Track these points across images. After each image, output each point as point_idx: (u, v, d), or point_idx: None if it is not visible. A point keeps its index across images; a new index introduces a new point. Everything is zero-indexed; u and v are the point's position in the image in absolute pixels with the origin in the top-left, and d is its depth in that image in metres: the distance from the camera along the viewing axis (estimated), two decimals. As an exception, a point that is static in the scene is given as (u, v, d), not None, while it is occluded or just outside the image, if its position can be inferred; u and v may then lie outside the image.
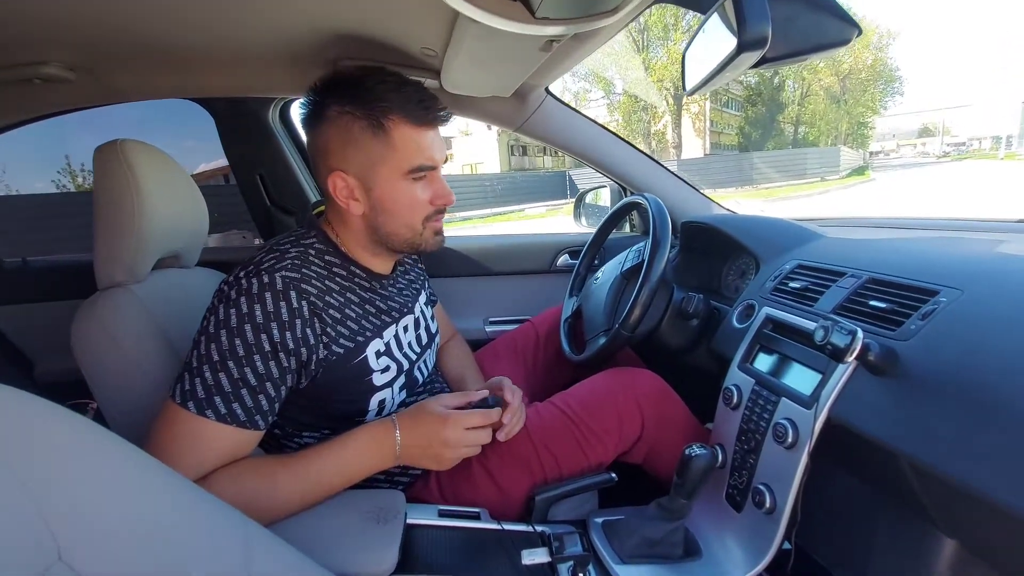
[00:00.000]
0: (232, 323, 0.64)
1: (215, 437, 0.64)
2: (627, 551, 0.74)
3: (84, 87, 1.05)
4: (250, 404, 0.65)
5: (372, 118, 0.70)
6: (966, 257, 0.70)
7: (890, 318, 0.66)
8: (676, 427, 0.89)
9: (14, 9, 0.77)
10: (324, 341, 0.70)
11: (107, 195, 0.79)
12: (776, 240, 1.01)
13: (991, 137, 52.08)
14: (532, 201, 16.75)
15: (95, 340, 0.78)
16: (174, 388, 0.65)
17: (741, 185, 17.98)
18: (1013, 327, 0.54)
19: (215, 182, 6.96)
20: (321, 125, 0.72)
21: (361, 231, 0.78)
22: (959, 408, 0.53)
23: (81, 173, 7.76)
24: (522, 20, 0.63)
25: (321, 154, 0.74)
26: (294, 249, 0.72)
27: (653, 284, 0.91)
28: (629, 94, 24.36)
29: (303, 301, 0.68)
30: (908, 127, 66.95)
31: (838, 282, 0.78)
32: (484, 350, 1.19)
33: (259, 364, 0.65)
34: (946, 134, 61.03)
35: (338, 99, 0.71)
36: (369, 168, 0.72)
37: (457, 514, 0.77)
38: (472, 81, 1.03)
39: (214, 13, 0.84)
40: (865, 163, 28.71)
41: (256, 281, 0.66)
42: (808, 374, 0.71)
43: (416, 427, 0.72)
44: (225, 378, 0.64)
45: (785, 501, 0.68)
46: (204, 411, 0.63)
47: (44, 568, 0.35)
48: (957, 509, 0.57)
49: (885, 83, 27.84)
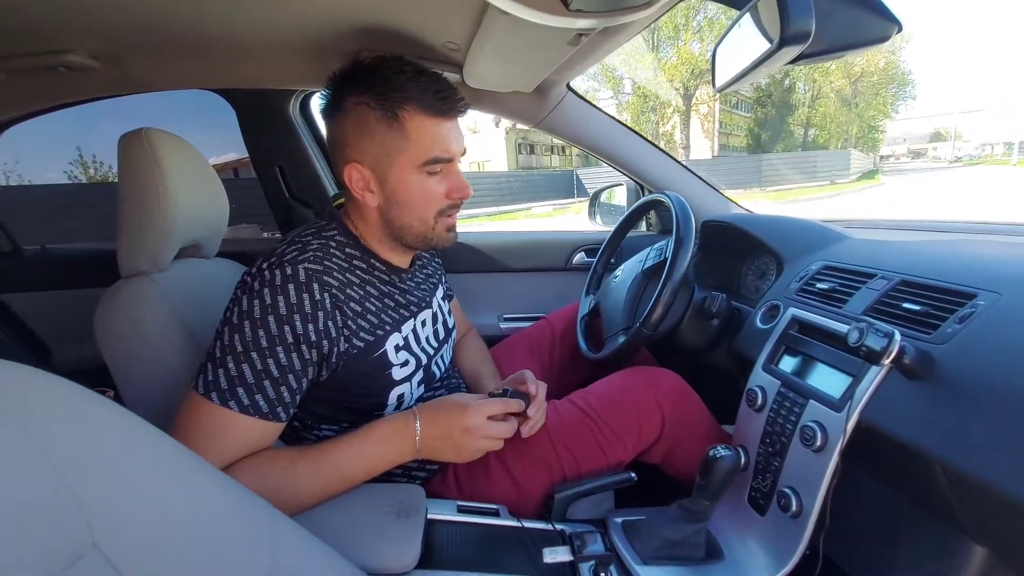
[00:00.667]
0: (256, 314, 0.64)
1: (238, 428, 0.64)
2: (648, 552, 0.73)
3: (108, 76, 1.06)
4: (272, 396, 0.65)
5: (387, 108, 0.69)
6: (1002, 260, 0.69)
7: (925, 321, 0.65)
8: (696, 428, 0.88)
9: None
10: (345, 334, 0.70)
11: (132, 183, 0.79)
12: (800, 240, 1.00)
13: (1003, 143, 51.48)
14: (539, 200, 16.71)
15: (118, 328, 0.78)
16: (197, 378, 0.65)
17: (749, 187, 17.87)
18: None
19: (224, 176, 7.08)
20: (338, 116, 0.72)
21: (377, 224, 0.77)
22: (998, 413, 0.52)
23: (93, 164, 7.82)
24: (555, 12, 0.62)
25: (339, 145, 0.74)
26: (316, 241, 0.72)
27: (676, 282, 0.90)
28: (638, 94, 24.26)
29: (325, 293, 0.68)
30: (920, 131, 66.36)
31: (868, 284, 0.76)
32: (499, 346, 1.19)
33: (282, 356, 0.65)
34: (958, 139, 60.43)
35: (354, 89, 0.71)
36: (384, 160, 0.71)
37: (476, 510, 0.77)
38: (495, 76, 1.02)
39: (238, 3, 0.84)
40: (876, 167, 28.49)
41: (279, 272, 0.66)
42: (837, 376, 0.70)
43: (437, 417, 0.72)
44: (248, 369, 0.64)
45: (812, 505, 0.67)
46: (227, 402, 0.63)
47: (77, 554, 0.35)
48: (990, 515, 0.56)
49: (897, 87, 27.57)
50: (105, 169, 7.86)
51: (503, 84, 1.08)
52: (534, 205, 16.25)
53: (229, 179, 6.05)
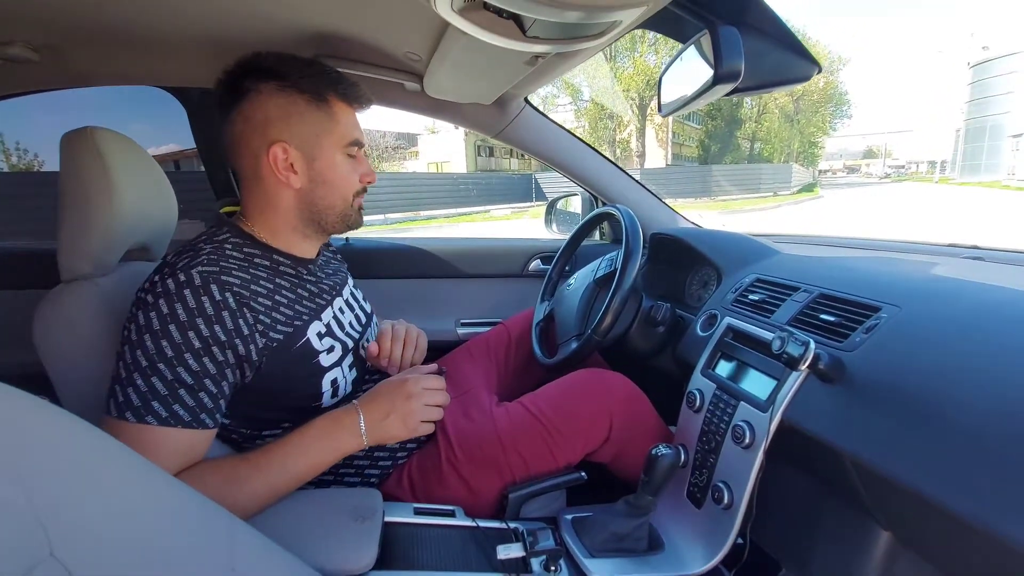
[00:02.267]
0: (155, 326, 0.63)
1: (162, 442, 0.62)
2: (596, 545, 0.78)
3: (50, 69, 1.01)
4: (191, 403, 0.64)
5: (316, 93, 0.73)
6: (905, 276, 0.78)
7: (838, 331, 0.72)
8: (644, 429, 0.94)
9: None
10: (259, 329, 0.69)
11: (75, 183, 0.76)
12: (737, 254, 1.08)
13: (927, 162, 55.84)
14: (497, 203, 16.79)
15: (58, 335, 0.75)
16: (108, 404, 0.63)
17: (700, 196, 18.63)
18: (942, 342, 0.61)
19: (165, 167, 6.67)
20: (257, 99, 0.72)
21: (292, 210, 0.77)
22: (895, 413, 0.59)
23: (16, 152, 7.25)
24: (512, 37, 0.66)
25: (258, 128, 0.73)
26: (208, 246, 0.71)
27: (625, 292, 0.96)
28: (595, 102, 24.81)
29: (227, 293, 0.67)
30: (855, 148, 70.84)
31: (792, 296, 0.84)
32: (457, 351, 1.21)
33: (191, 362, 0.64)
34: (888, 156, 65.04)
35: (272, 77, 0.72)
36: (313, 139, 0.74)
37: (432, 511, 0.79)
38: (455, 88, 1.05)
39: (193, 5, 0.82)
40: (815, 180, 30.26)
41: (172, 281, 0.65)
42: (764, 380, 0.77)
43: (376, 397, 0.74)
44: (159, 382, 0.63)
45: (741, 497, 0.74)
46: (144, 418, 0.62)
47: (34, 562, 0.35)
48: (892, 504, 0.63)
49: (835, 105, 29.51)
50: (30, 157, 7.31)
51: (463, 96, 1.11)
52: (492, 208, 16.31)
53: (169, 171, 5.75)
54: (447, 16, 0.64)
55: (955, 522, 0.52)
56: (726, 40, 0.57)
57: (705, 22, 0.60)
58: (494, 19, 0.63)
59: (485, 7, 0.60)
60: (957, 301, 0.67)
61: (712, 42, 0.59)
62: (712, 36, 0.58)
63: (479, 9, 0.61)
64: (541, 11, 0.56)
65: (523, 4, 0.55)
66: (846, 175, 60.24)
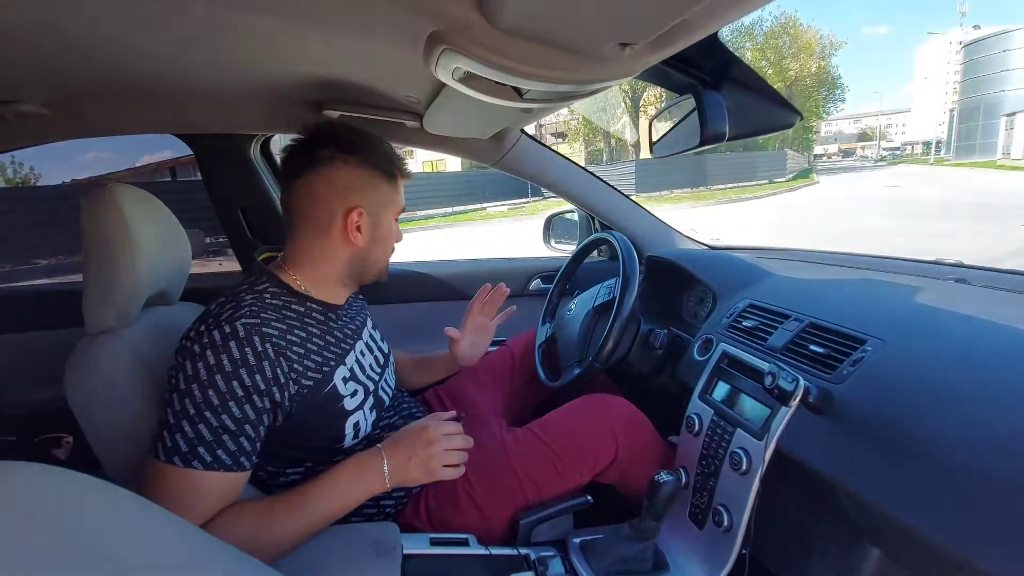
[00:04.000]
0: (202, 376, 0.68)
1: (206, 485, 0.68)
2: (603, 569, 0.83)
3: (60, 123, 1.05)
4: (233, 448, 0.69)
5: (387, 171, 0.85)
6: (889, 307, 0.83)
7: (826, 362, 0.77)
8: (647, 451, 0.98)
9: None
10: (293, 377, 0.75)
11: (98, 241, 0.80)
12: (731, 278, 1.12)
13: (922, 143, 55.73)
14: (493, 200, 16.79)
15: (89, 389, 0.79)
16: (154, 447, 0.68)
17: (695, 186, 18.64)
18: (924, 377, 0.66)
19: (160, 176, 6.49)
20: (343, 168, 0.81)
21: (344, 263, 0.84)
22: (880, 444, 0.64)
23: (11, 166, 7.22)
24: (510, 99, 0.70)
25: (340, 192, 0.81)
26: (249, 296, 0.76)
27: (623, 320, 1.00)
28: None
29: (267, 344, 0.72)
30: (849, 131, 70.59)
31: (784, 324, 0.89)
32: (464, 373, 1.25)
33: (235, 409, 0.69)
34: (883, 139, 64.87)
35: (359, 153, 0.82)
36: (380, 207, 0.85)
37: (447, 541, 0.83)
38: (453, 127, 1.09)
39: (200, 56, 0.85)
40: (810, 165, 30.24)
41: (218, 333, 0.70)
42: (758, 408, 0.81)
43: (399, 443, 0.80)
44: (205, 428, 0.67)
45: (740, 520, 0.78)
46: (190, 463, 0.66)
47: None
48: (879, 526, 0.68)
49: (828, 90, 29.42)
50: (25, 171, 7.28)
51: (461, 132, 1.15)
52: (489, 205, 16.32)
53: (167, 181, 5.61)
54: (448, 82, 0.68)
55: (937, 550, 0.56)
56: (710, 105, 0.61)
57: (690, 86, 0.64)
58: (493, 86, 0.67)
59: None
60: (940, 335, 0.71)
61: (697, 106, 0.62)
62: (697, 101, 0.62)
63: (478, 78, 0.65)
64: (535, 85, 0.60)
65: (518, 80, 0.59)
66: (841, 159, 60.15)
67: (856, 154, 64.35)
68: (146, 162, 4.57)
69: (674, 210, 13.18)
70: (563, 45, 0.51)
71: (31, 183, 7.27)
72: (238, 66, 0.91)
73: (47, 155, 2.54)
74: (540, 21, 0.47)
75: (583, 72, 0.57)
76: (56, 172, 8.45)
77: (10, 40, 0.72)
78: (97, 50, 0.79)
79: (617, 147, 25.97)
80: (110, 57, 0.83)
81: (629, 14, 0.44)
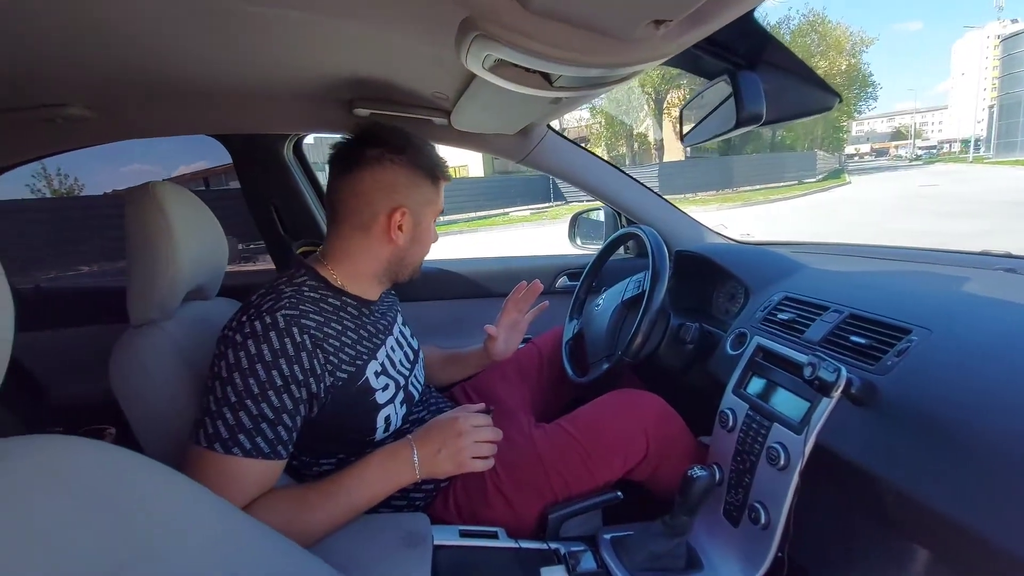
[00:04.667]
0: (244, 365, 0.70)
1: (245, 472, 0.69)
2: (635, 565, 0.81)
3: (104, 125, 1.09)
4: (271, 436, 0.70)
5: (431, 173, 0.86)
6: (935, 295, 0.79)
7: (869, 353, 0.74)
8: (678, 448, 0.96)
9: (39, 54, 0.81)
10: (328, 369, 0.76)
11: (141, 237, 0.83)
12: (764, 271, 1.09)
13: (960, 141, 53.73)
14: (516, 204, 16.82)
15: (133, 379, 0.82)
16: (196, 434, 0.69)
17: (721, 188, 18.31)
18: (974, 367, 0.62)
19: (195, 186, 6.73)
20: (390, 167, 0.82)
21: (383, 261, 0.86)
22: (928, 438, 0.61)
23: (57, 177, 7.57)
24: (540, 87, 0.70)
25: (384, 190, 0.82)
26: (288, 288, 0.78)
27: (653, 314, 0.98)
28: (611, 99, 24.63)
29: (305, 335, 0.73)
30: (882, 130, 68.55)
31: (822, 316, 0.86)
32: (491, 370, 1.25)
33: (274, 398, 0.70)
34: (918, 137, 62.80)
35: (405, 154, 0.83)
36: (422, 208, 0.86)
37: (477, 534, 0.83)
38: (480, 122, 1.09)
39: (236, 57, 0.88)
40: (841, 166, 29.42)
41: (259, 323, 0.72)
42: (796, 401, 0.79)
43: (429, 434, 0.80)
44: (245, 416, 0.69)
45: (779, 518, 0.76)
46: (231, 450, 0.68)
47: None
48: (927, 525, 0.64)
49: (859, 88, 28.60)
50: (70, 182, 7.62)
51: (488, 128, 1.15)
52: (512, 210, 16.36)
53: (200, 190, 5.82)
54: (478, 72, 0.68)
55: (989, 548, 0.53)
56: (746, 85, 0.60)
57: (725, 68, 0.62)
58: (523, 73, 0.67)
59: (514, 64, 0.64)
60: (989, 324, 0.67)
61: (733, 87, 0.61)
62: (732, 82, 0.61)
63: (508, 66, 0.65)
64: (566, 70, 0.60)
65: (549, 65, 0.59)
66: (874, 159, 58.41)
67: (890, 153, 62.34)
68: (182, 172, 4.67)
69: (700, 212, 12.93)
70: (596, 25, 0.51)
71: (76, 193, 7.61)
72: (273, 67, 0.93)
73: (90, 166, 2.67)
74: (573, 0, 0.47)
75: (615, 55, 0.57)
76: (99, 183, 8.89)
77: (56, 45, 0.75)
78: (139, 53, 0.83)
79: (640, 150, 25.76)
80: (151, 60, 0.87)
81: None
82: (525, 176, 21.39)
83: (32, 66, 0.85)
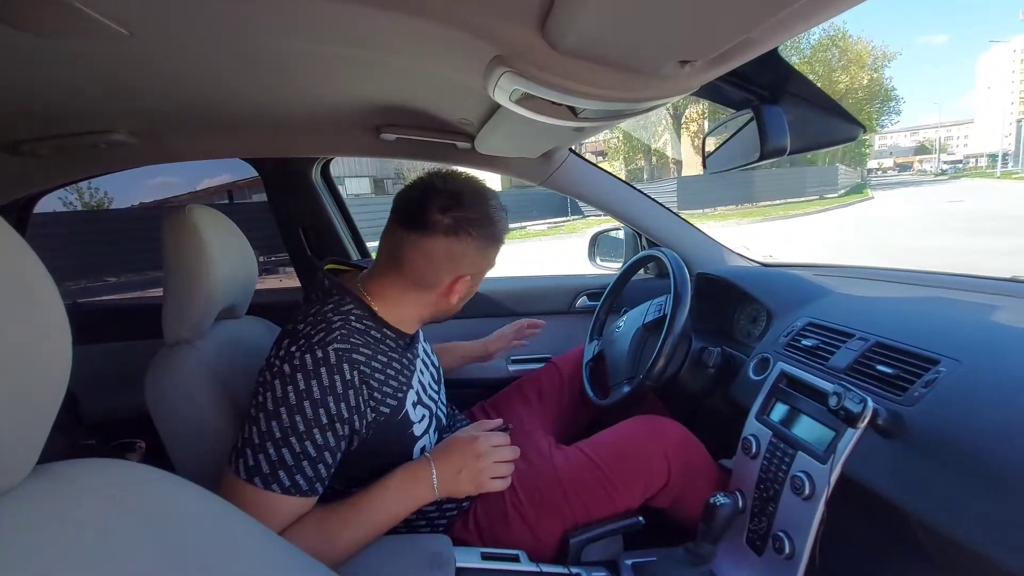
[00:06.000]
0: (292, 400, 0.69)
1: (280, 507, 0.70)
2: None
3: (146, 150, 1.14)
4: (311, 474, 0.71)
5: (500, 239, 0.86)
6: (964, 325, 0.78)
7: (896, 383, 0.73)
8: (700, 475, 0.96)
9: (95, 89, 0.86)
10: (372, 405, 0.76)
11: (178, 259, 0.86)
12: (787, 296, 1.09)
13: (987, 155, 52.52)
14: (533, 219, 16.88)
15: (168, 394, 0.85)
16: (236, 463, 0.69)
17: (741, 203, 18.12)
18: (1005, 400, 0.61)
19: (218, 199, 6.87)
20: (467, 240, 0.80)
21: (430, 307, 0.86)
22: (957, 471, 0.60)
23: (88, 190, 7.83)
24: (565, 118, 0.71)
25: (455, 258, 0.81)
26: (336, 318, 0.77)
27: (675, 337, 0.99)
28: (629, 113, 24.61)
29: (354, 371, 0.73)
30: (905, 144, 67.39)
31: (847, 343, 0.85)
32: (510, 390, 1.25)
33: (318, 436, 0.70)
34: (943, 151, 61.57)
35: (484, 229, 0.82)
36: (482, 273, 0.88)
37: (498, 556, 0.83)
38: (504, 147, 1.12)
39: (272, 88, 0.92)
40: (863, 180, 28.94)
41: (310, 357, 0.71)
42: (821, 430, 0.78)
43: (448, 453, 0.80)
44: (288, 453, 0.69)
45: (804, 547, 0.75)
46: (270, 486, 0.68)
47: None
48: (959, 561, 0.63)
49: (882, 102, 28.21)
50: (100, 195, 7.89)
51: (511, 152, 1.18)
52: (529, 224, 16.42)
53: (223, 204, 5.95)
54: (504, 104, 0.70)
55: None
56: (770, 119, 0.61)
57: (748, 101, 0.63)
58: (549, 106, 0.69)
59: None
60: (1020, 356, 0.66)
61: (757, 120, 0.62)
62: (757, 116, 0.62)
63: (535, 98, 0.67)
64: (592, 104, 0.61)
65: (574, 99, 0.60)
66: (897, 173, 57.38)
67: (913, 168, 61.16)
68: (206, 186, 4.79)
69: (719, 227, 12.86)
70: (624, 64, 0.52)
71: (105, 206, 7.86)
72: (305, 96, 0.97)
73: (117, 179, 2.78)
74: (603, 43, 0.49)
75: (641, 89, 0.58)
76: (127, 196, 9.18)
77: (109, 80, 0.80)
78: (181, 86, 0.87)
79: (658, 165, 25.71)
80: (192, 92, 0.91)
81: (693, 33, 0.45)
82: (542, 191, 21.46)
83: (88, 99, 0.90)
